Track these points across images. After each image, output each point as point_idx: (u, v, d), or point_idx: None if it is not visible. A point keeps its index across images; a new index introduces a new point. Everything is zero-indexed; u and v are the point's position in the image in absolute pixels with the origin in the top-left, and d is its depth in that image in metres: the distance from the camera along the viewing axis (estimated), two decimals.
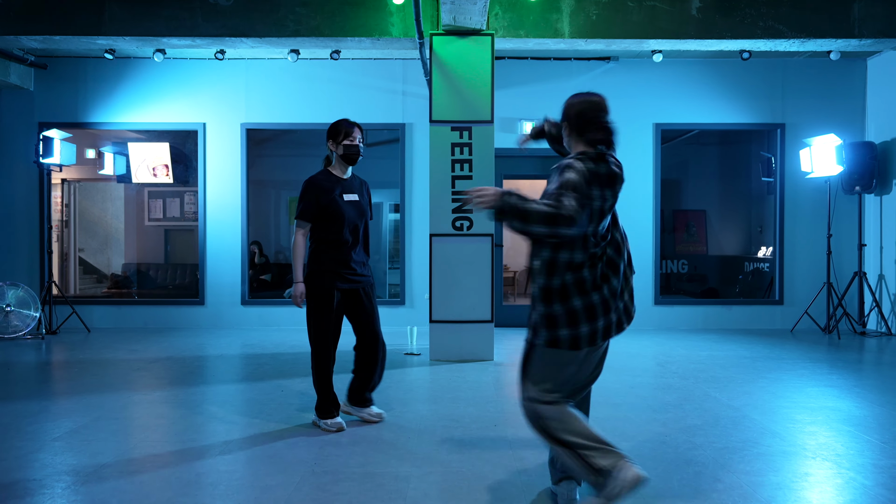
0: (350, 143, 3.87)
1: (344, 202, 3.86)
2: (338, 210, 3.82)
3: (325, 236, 3.84)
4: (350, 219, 3.87)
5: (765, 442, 3.64)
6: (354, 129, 3.90)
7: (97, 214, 10.81)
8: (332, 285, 3.81)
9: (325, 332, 3.82)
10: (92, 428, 3.89)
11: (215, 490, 2.95)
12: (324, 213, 3.81)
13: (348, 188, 3.93)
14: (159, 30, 6.31)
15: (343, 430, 3.83)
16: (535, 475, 3.12)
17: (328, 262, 3.82)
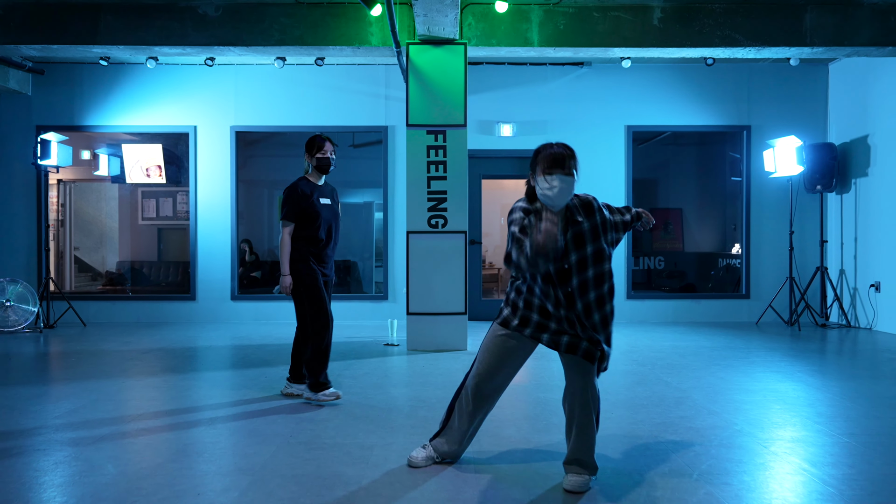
0: (322, 155, 4.47)
1: (320, 205, 4.46)
2: (315, 212, 4.41)
3: (304, 234, 4.42)
4: (325, 219, 4.47)
5: (700, 418, 4.03)
6: (326, 143, 4.48)
7: (92, 214, 11.14)
8: (316, 272, 4.39)
9: (322, 313, 4.38)
10: (90, 408, 4.26)
11: (200, 457, 3.32)
12: (304, 214, 4.39)
13: (323, 193, 4.53)
14: (151, 39, 6.67)
15: (339, 397, 4.38)
16: (485, 444, 3.50)
17: (308, 255, 4.40)
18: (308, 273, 4.37)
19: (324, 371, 4.38)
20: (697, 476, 3.04)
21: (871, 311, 7.99)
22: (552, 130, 8.67)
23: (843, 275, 8.53)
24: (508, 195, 11.79)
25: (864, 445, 3.49)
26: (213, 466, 3.18)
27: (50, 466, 3.16)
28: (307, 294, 4.38)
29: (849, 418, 4.02)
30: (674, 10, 6.68)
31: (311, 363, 4.36)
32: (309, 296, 4.38)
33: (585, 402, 2.86)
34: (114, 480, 2.98)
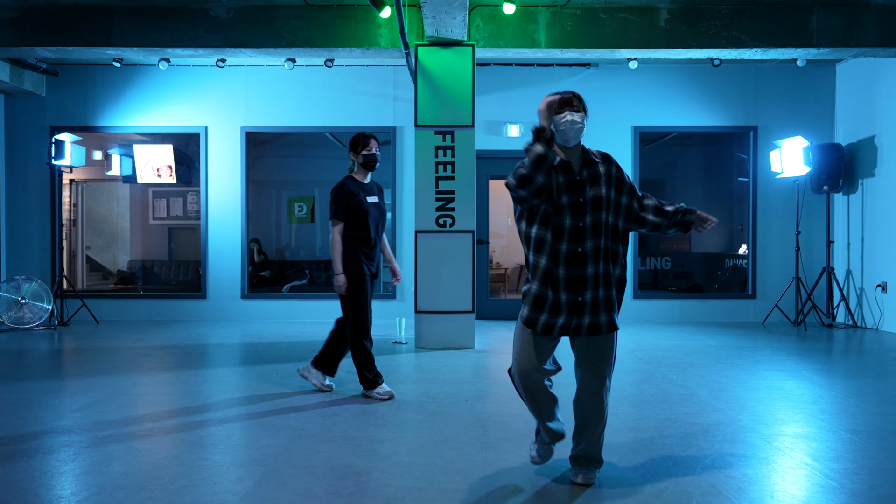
0: (368, 152, 4.47)
1: (368, 203, 4.46)
2: (364, 210, 4.42)
3: (354, 233, 4.43)
4: (373, 217, 4.49)
5: (704, 414, 4.09)
6: (371, 141, 4.48)
7: (103, 213, 11.29)
8: (366, 272, 4.43)
9: (366, 313, 4.43)
10: (106, 402, 4.35)
11: (215, 449, 3.41)
12: (352, 213, 4.41)
13: (369, 191, 4.53)
14: (164, 41, 6.77)
15: (393, 396, 4.46)
16: (494, 438, 3.57)
17: (358, 253, 4.42)
18: (357, 274, 4.38)
19: (372, 368, 4.44)
20: (701, 469, 3.10)
21: (877, 311, 8.01)
22: None
23: (849, 275, 8.55)
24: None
25: (866, 441, 3.54)
26: (227, 458, 3.27)
27: (69, 457, 3.25)
28: (352, 296, 4.38)
29: (852, 415, 4.07)
30: (680, 11, 6.74)
31: (357, 363, 4.44)
32: (353, 297, 4.38)
33: (601, 406, 2.90)
34: (131, 470, 3.06)
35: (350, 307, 4.41)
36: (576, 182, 2.86)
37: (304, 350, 6.39)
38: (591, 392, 2.90)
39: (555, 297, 2.83)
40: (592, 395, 2.90)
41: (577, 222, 2.82)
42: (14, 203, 8.82)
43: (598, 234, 2.84)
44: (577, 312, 2.83)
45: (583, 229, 2.82)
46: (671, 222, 2.99)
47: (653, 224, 2.98)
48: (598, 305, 2.84)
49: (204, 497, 2.75)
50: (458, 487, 2.87)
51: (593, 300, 2.83)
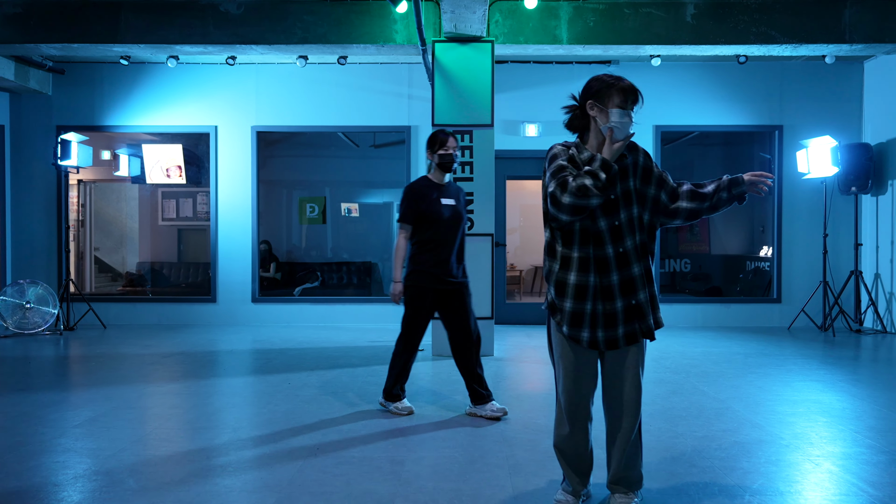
0: (444, 152, 4.15)
1: (442, 206, 4.13)
2: (435, 214, 4.10)
3: (423, 238, 4.12)
4: (447, 222, 4.13)
5: (743, 431, 3.84)
6: (449, 139, 4.16)
7: (112, 214, 11.12)
8: (429, 285, 4.10)
9: (418, 328, 4.15)
10: (110, 416, 4.15)
11: (224, 471, 3.19)
12: (423, 216, 4.11)
13: (446, 193, 4.19)
14: (173, 37, 6.57)
15: (412, 412, 4.18)
16: (522, 459, 3.34)
17: (426, 262, 4.10)
18: (418, 286, 4.10)
19: (400, 385, 4.22)
20: (749, 497, 2.86)
21: None
22: None
23: (878, 279, 8.26)
24: (529, 196, 11.63)
25: None
26: (238, 482, 3.05)
27: (69, 481, 3.05)
28: (408, 307, 4.14)
29: (889, 430, 3.82)
30: (707, 6, 6.48)
31: (391, 371, 4.22)
32: (409, 309, 4.14)
33: (634, 412, 2.66)
34: (135, 496, 2.85)
35: (404, 317, 4.17)
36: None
37: (318, 357, 6.18)
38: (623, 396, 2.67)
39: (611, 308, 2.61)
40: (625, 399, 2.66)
41: (613, 221, 2.60)
42: (20, 204, 8.65)
43: (633, 231, 2.62)
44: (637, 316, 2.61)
45: (619, 228, 2.60)
46: (713, 203, 2.67)
47: (688, 211, 2.67)
48: (648, 306, 2.63)
49: None
50: None
51: (637, 304, 2.61)
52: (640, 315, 2.62)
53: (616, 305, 2.60)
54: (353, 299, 8.98)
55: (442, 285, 4.11)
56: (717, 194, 2.68)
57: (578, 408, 2.68)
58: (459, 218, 4.19)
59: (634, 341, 2.63)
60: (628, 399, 2.66)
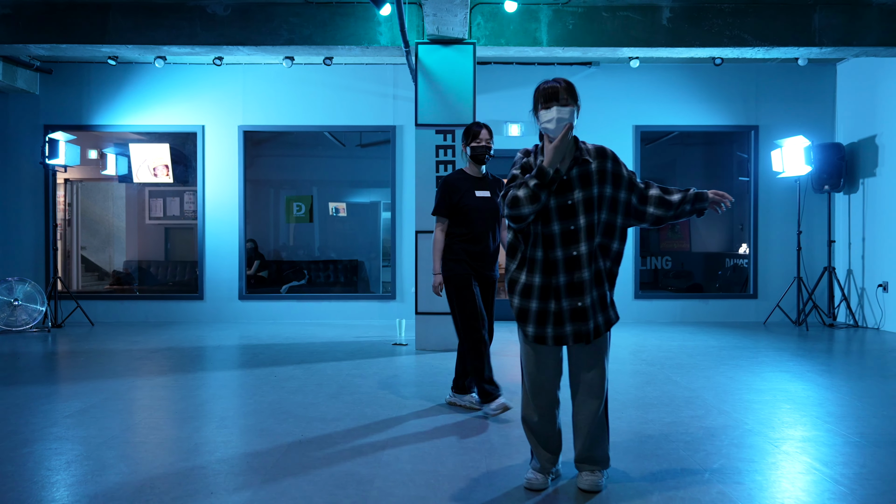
0: (476, 144, 4.11)
1: (475, 199, 4.10)
2: (468, 206, 4.08)
3: (458, 231, 4.13)
4: (481, 214, 4.11)
5: (710, 417, 4.03)
6: (482, 131, 4.12)
7: (99, 213, 11.19)
8: (469, 272, 4.10)
9: (472, 315, 4.07)
10: (100, 407, 4.27)
11: (212, 456, 3.33)
12: (456, 209, 4.11)
13: (481, 185, 4.16)
14: (160, 38, 6.68)
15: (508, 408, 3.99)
16: (498, 443, 3.50)
17: (462, 253, 4.12)
18: (460, 274, 4.08)
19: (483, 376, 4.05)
20: (710, 475, 3.03)
21: (878, 310, 7.96)
22: None
23: (850, 275, 8.50)
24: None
25: (874, 445, 3.48)
26: (225, 466, 3.19)
27: (62, 466, 3.17)
28: (454, 298, 4.11)
29: (859, 418, 4.01)
30: (683, 9, 6.67)
31: (472, 371, 4.09)
32: (456, 299, 4.10)
33: (598, 395, 2.82)
34: (125, 480, 2.98)
35: (454, 310, 4.14)
36: (563, 182, 2.75)
37: (304, 352, 6.32)
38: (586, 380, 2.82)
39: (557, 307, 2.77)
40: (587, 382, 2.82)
41: (568, 226, 2.73)
42: (7, 203, 8.72)
43: (591, 236, 2.75)
44: (581, 318, 2.75)
45: (575, 232, 2.73)
46: (677, 212, 2.84)
47: (655, 217, 2.83)
48: (596, 308, 2.78)
49: None
50: (462, 496, 2.79)
51: (592, 304, 2.77)
52: (583, 317, 2.76)
53: (562, 305, 2.76)
54: (340, 296, 9.12)
55: (477, 276, 4.14)
56: (681, 205, 2.85)
57: (542, 392, 2.84)
58: (494, 210, 4.13)
59: (583, 340, 2.78)
60: (591, 384, 2.82)
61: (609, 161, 2.81)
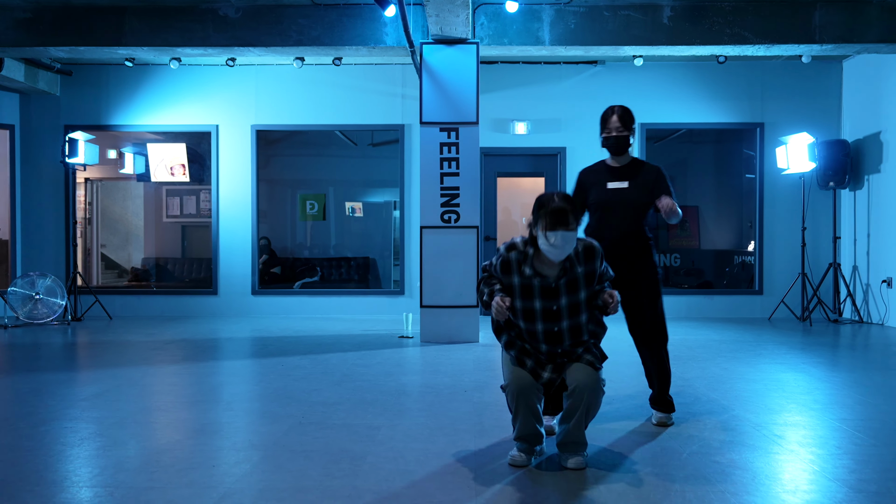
0: (606, 134, 3.76)
1: (606, 190, 3.76)
2: (598, 198, 3.79)
3: (591, 223, 3.89)
4: (608, 207, 3.77)
5: (699, 404, 4.15)
6: (611, 118, 3.74)
7: (118, 212, 11.48)
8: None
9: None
10: (115, 392, 4.48)
11: (216, 435, 3.52)
12: (587, 201, 3.86)
13: (618, 176, 3.77)
14: (174, 40, 6.91)
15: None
16: (489, 425, 3.65)
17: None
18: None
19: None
20: (688, 455, 3.16)
21: (882, 306, 8.00)
22: (566, 128, 8.80)
23: (855, 271, 8.54)
24: (525, 194, 11.92)
25: (853, 429, 3.59)
26: (227, 443, 3.38)
27: (76, 441, 3.38)
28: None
29: (844, 405, 4.11)
30: (683, 8, 6.77)
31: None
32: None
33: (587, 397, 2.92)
34: (134, 454, 3.18)
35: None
36: (551, 289, 2.93)
37: (312, 344, 6.51)
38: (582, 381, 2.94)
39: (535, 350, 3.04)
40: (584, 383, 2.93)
41: (552, 327, 2.97)
42: (29, 200, 9.02)
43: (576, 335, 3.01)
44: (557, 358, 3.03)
45: (559, 333, 2.98)
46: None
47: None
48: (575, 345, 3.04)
49: (202, 478, 2.85)
50: (448, 471, 2.95)
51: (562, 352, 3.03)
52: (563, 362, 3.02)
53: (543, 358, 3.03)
54: (350, 291, 9.31)
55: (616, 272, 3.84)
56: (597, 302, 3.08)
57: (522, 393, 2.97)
58: (629, 203, 3.73)
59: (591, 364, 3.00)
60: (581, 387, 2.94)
61: (597, 261, 2.97)
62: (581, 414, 2.97)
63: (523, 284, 2.93)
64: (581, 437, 3.01)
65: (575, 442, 3.01)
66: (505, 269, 2.97)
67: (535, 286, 2.92)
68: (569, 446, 3.02)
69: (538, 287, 2.92)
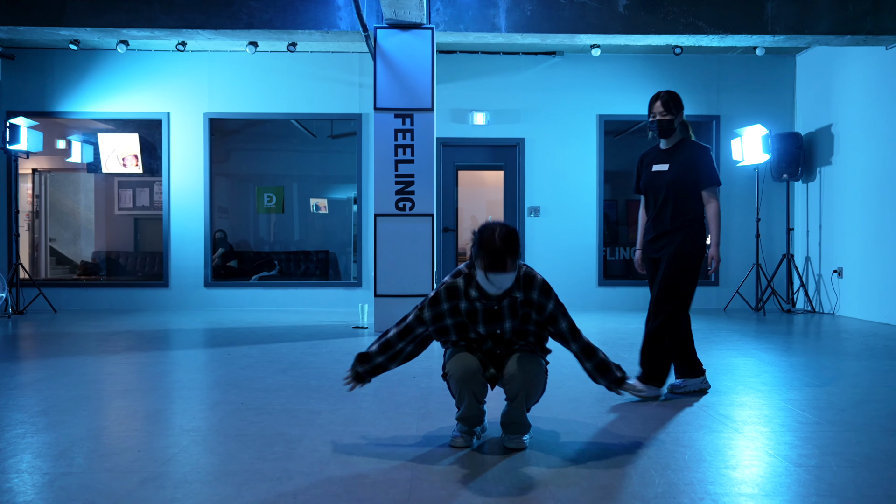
0: (651, 119, 3.89)
1: (650, 173, 3.92)
2: (645, 181, 3.97)
3: (645, 206, 4.06)
4: (653, 188, 3.91)
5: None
6: (655, 103, 3.86)
7: (69, 205, 11.11)
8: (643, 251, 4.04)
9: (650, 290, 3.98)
10: (47, 381, 4.28)
11: (147, 421, 3.36)
12: (639, 184, 4.05)
13: (662, 159, 3.91)
14: (119, 21, 6.68)
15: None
16: (434, 408, 3.56)
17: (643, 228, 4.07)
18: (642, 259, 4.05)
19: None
20: (632, 434, 3.11)
21: (833, 296, 8.11)
22: (525, 119, 8.75)
23: (808, 262, 8.65)
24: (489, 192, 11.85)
25: (799, 408, 3.58)
26: (157, 427, 3.22)
27: None
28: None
29: (792, 387, 4.12)
30: None
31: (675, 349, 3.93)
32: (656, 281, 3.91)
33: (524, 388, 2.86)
34: (54, 441, 3.01)
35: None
36: (493, 312, 2.87)
37: (263, 335, 6.35)
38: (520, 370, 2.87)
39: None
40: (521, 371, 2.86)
41: (496, 350, 2.94)
42: None
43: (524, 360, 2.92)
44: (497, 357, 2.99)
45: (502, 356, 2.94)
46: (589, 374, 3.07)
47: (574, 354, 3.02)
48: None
49: (124, 463, 2.70)
50: (386, 452, 2.85)
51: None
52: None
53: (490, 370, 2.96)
54: (307, 284, 9.14)
55: (647, 251, 4.01)
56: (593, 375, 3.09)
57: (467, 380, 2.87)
58: (668, 185, 3.82)
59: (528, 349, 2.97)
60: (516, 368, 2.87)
61: (535, 291, 2.88)
62: (521, 396, 2.89)
63: (469, 310, 2.87)
64: (521, 418, 2.93)
65: (516, 423, 2.93)
66: (452, 294, 2.88)
67: (478, 310, 2.86)
68: (510, 427, 2.94)
69: (482, 311, 2.86)
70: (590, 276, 8.85)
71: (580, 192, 8.86)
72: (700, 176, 3.83)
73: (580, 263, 8.90)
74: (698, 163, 3.83)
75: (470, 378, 2.86)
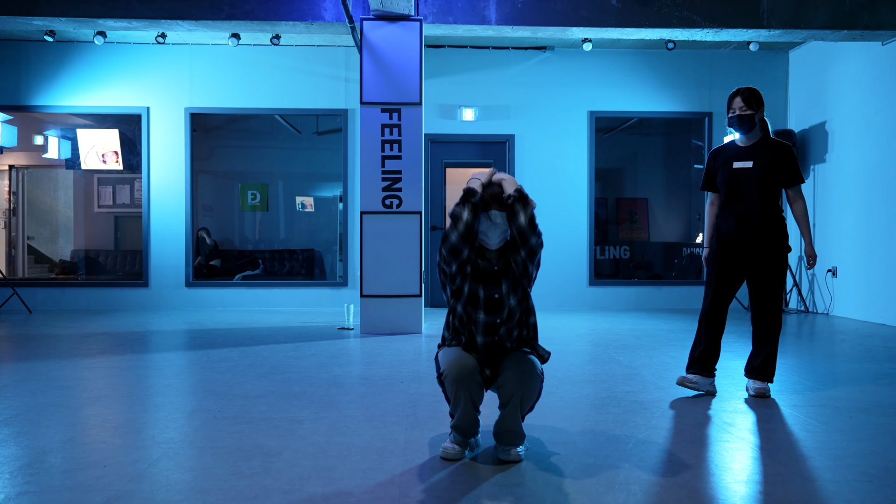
0: (731, 115, 3.88)
1: (731, 169, 3.86)
2: (725, 178, 3.88)
3: (720, 202, 3.98)
4: (735, 185, 3.84)
5: (645, 391, 3.95)
6: (735, 99, 3.86)
7: (48, 203, 10.81)
8: (720, 249, 3.92)
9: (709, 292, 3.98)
10: (12, 388, 4.05)
11: (116, 432, 3.14)
12: (714, 181, 3.99)
13: (744, 156, 3.86)
14: (95, 11, 6.43)
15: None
16: (422, 417, 3.37)
17: (715, 229, 3.97)
18: (711, 249, 3.97)
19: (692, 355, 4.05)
20: (633, 444, 2.94)
21: (828, 296, 8.00)
22: (514, 115, 8.58)
23: (801, 261, 8.54)
24: None
25: (804, 415, 3.42)
26: (126, 440, 3.01)
27: None
28: (707, 272, 4.01)
29: (795, 392, 3.96)
30: None
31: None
32: (708, 277, 4.00)
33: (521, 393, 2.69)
34: (17, 454, 2.79)
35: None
36: (492, 273, 2.78)
37: (244, 336, 6.13)
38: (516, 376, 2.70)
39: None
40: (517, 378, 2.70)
41: (494, 318, 2.78)
42: None
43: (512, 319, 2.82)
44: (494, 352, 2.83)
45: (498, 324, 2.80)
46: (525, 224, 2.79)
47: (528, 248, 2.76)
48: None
49: (88, 480, 2.49)
50: (372, 466, 2.66)
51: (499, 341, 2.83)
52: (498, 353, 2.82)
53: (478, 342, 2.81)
54: (291, 283, 8.92)
55: (733, 250, 3.88)
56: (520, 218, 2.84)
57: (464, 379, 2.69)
58: (752, 182, 3.79)
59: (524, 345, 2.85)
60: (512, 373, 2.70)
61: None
62: (515, 402, 2.71)
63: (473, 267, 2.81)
64: (516, 426, 2.75)
65: (510, 431, 2.75)
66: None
67: (480, 270, 2.79)
68: (504, 436, 2.76)
69: (482, 270, 2.79)
70: (580, 276, 8.70)
71: (571, 190, 8.70)
72: (788, 174, 3.82)
73: (571, 263, 8.74)
74: (786, 161, 3.82)
75: (467, 377, 2.68)
